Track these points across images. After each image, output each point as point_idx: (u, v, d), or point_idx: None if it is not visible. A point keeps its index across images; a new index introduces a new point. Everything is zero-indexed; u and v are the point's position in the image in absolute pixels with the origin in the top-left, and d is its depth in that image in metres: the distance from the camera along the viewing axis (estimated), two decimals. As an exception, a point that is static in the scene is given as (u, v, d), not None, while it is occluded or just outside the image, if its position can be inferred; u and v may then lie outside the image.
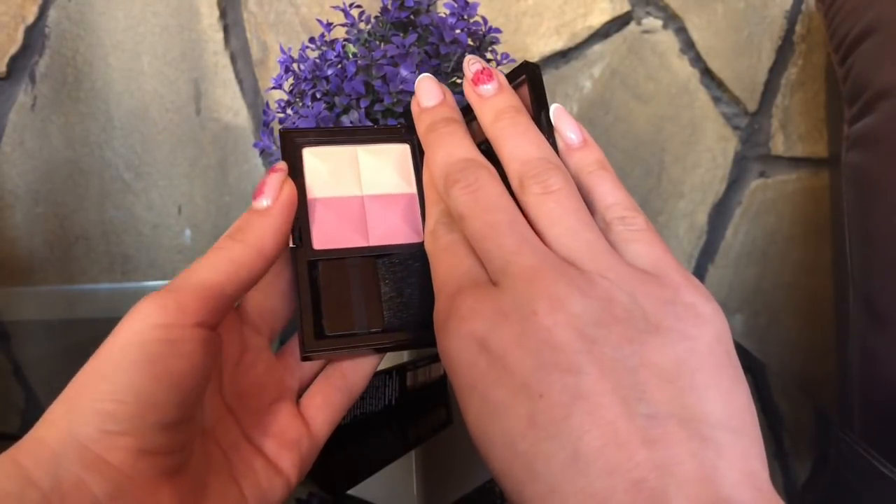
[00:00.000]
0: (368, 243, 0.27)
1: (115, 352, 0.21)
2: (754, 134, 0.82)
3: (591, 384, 0.19)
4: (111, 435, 0.20)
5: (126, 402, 0.20)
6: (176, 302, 0.22)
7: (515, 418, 0.19)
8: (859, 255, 0.62)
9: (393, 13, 0.48)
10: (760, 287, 0.86)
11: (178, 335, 0.22)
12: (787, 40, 0.80)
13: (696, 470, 0.18)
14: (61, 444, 0.20)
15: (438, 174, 0.26)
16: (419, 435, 0.30)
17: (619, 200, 0.25)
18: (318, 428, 0.26)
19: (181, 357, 0.22)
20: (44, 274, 0.85)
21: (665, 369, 0.19)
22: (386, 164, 0.29)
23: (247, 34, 0.82)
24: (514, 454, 0.19)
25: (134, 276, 0.86)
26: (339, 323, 0.25)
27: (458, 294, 0.22)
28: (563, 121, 0.27)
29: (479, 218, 0.23)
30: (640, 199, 0.84)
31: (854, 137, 0.62)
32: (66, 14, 0.80)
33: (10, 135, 0.83)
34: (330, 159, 0.28)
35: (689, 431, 0.18)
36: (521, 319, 0.20)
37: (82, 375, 0.22)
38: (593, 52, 0.81)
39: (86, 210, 0.84)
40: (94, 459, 0.20)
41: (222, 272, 0.23)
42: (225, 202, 0.84)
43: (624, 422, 0.18)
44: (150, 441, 0.21)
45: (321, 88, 0.46)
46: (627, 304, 0.21)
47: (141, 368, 0.21)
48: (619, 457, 0.18)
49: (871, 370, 0.60)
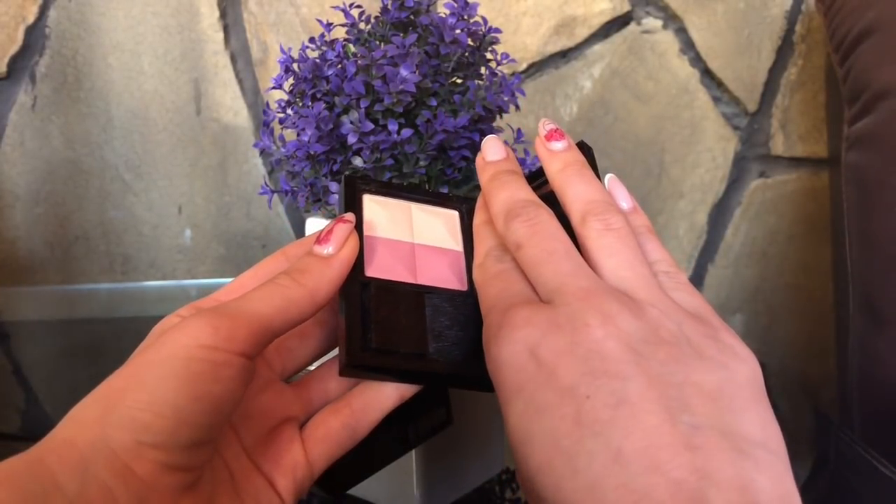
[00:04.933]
0: (416, 281, 0.28)
1: (158, 362, 0.21)
2: (754, 134, 0.82)
3: (638, 390, 0.20)
4: (143, 446, 0.20)
5: (164, 416, 0.21)
6: (228, 328, 0.22)
7: (560, 418, 0.20)
8: (859, 255, 0.62)
9: (393, 13, 0.48)
10: (760, 287, 0.86)
11: (222, 359, 0.22)
12: (786, 40, 0.80)
13: (735, 478, 0.19)
14: (92, 449, 0.20)
15: (499, 210, 0.27)
16: (419, 435, 0.30)
17: (665, 258, 0.27)
18: (315, 459, 0.26)
19: (221, 381, 0.22)
20: (44, 274, 0.85)
21: (707, 389, 0.21)
22: (437, 222, 0.31)
23: (247, 34, 0.82)
24: (557, 451, 0.20)
25: (134, 276, 0.86)
26: (386, 339, 0.25)
27: (510, 308, 0.23)
28: (617, 188, 0.30)
29: (536, 245, 0.25)
30: (640, 199, 0.84)
31: (854, 137, 0.62)
32: (66, 14, 0.80)
33: (11, 135, 0.83)
34: (387, 207, 0.30)
35: (730, 444, 0.19)
36: (572, 330, 0.21)
37: (120, 379, 0.21)
38: (593, 52, 0.81)
39: (86, 210, 0.84)
40: (123, 469, 0.20)
41: (275, 308, 0.24)
42: (225, 202, 0.84)
43: (668, 427, 0.19)
44: (177, 458, 0.21)
45: (321, 88, 0.46)
46: (674, 330, 0.22)
47: (182, 385, 0.21)
48: (662, 457, 0.19)
49: (871, 370, 0.60)
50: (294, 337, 0.28)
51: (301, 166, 0.48)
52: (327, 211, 0.53)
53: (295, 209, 0.84)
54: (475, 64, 0.50)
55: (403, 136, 0.45)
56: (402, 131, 0.45)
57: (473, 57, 0.50)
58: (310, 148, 0.45)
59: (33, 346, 0.72)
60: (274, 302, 0.24)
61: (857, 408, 0.62)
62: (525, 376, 0.21)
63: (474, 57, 0.50)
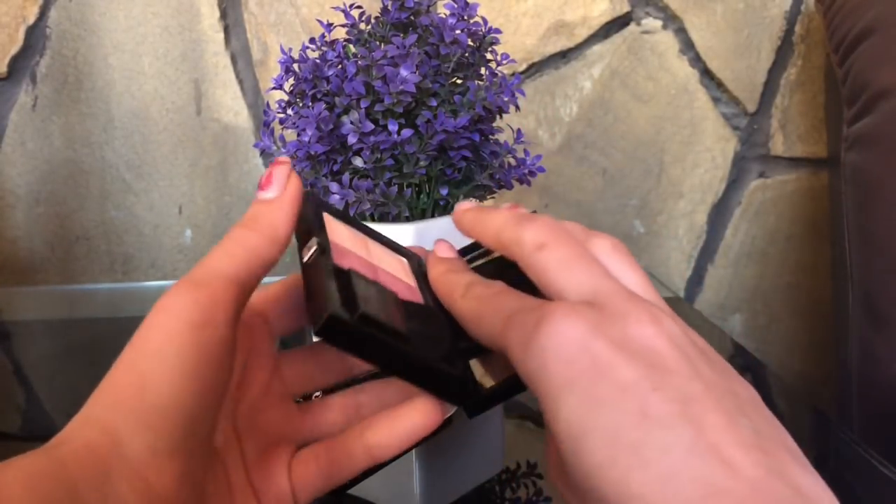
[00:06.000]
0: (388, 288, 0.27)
1: (154, 352, 0.21)
2: (754, 134, 0.82)
3: (700, 389, 0.20)
4: (159, 456, 0.20)
5: (171, 417, 0.21)
6: (209, 298, 0.22)
7: (624, 412, 0.20)
8: (859, 255, 0.62)
9: (393, 14, 0.48)
10: (760, 287, 0.86)
11: (209, 338, 0.22)
12: (786, 41, 0.80)
13: (811, 487, 0.19)
14: (110, 456, 0.20)
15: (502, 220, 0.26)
16: (419, 435, 0.30)
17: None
18: (298, 490, 0.26)
19: (212, 364, 0.22)
20: (44, 274, 0.85)
21: (746, 398, 0.21)
22: (391, 258, 0.31)
23: (247, 35, 0.82)
24: (622, 444, 0.19)
25: (134, 276, 0.86)
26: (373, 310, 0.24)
27: (543, 307, 0.22)
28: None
29: (565, 245, 0.24)
30: (640, 199, 0.84)
31: (853, 137, 0.63)
32: (66, 14, 0.80)
33: (11, 135, 0.83)
34: (346, 229, 0.30)
35: (791, 454, 0.20)
36: (624, 326, 0.21)
37: (123, 373, 0.21)
38: (593, 53, 0.81)
39: (86, 210, 0.84)
40: (142, 485, 0.20)
41: (240, 262, 0.23)
42: (225, 202, 0.85)
43: (732, 427, 0.19)
44: (190, 463, 0.21)
45: (321, 89, 0.46)
46: (703, 344, 0.23)
47: (181, 379, 0.21)
48: (735, 454, 0.19)
49: (871, 370, 0.60)
50: (315, 365, 0.28)
51: (301, 166, 0.48)
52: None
53: (295, 209, 0.84)
54: (475, 64, 0.50)
55: (403, 137, 0.45)
56: (402, 131, 0.45)
57: (473, 57, 0.50)
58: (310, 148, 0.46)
59: (33, 346, 0.72)
60: (238, 256, 0.23)
61: (857, 408, 0.62)
62: (578, 369, 0.21)
63: (474, 57, 0.50)
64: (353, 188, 0.46)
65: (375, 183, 0.46)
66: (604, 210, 0.84)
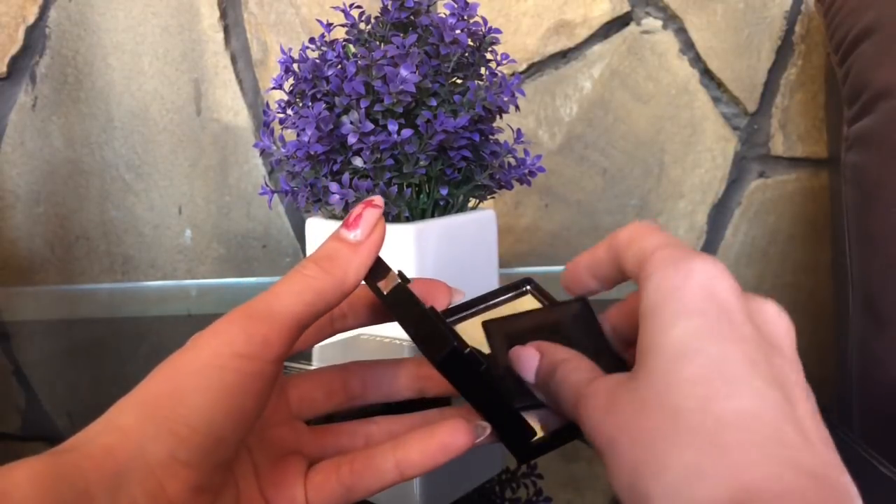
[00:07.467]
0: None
1: (195, 372, 0.21)
2: (754, 134, 0.82)
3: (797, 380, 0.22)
4: (178, 464, 0.20)
5: (199, 431, 0.20)
6: (262, 335, 0.22)
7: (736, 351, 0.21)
8: (859, 255, 0.62)
9: (393, 14, 0.48)
10: (760, 287, 0.86)
11: (254, 370, 0.21)
12: (786, 41, 0.80)
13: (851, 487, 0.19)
14: (129, 460, 0.20)
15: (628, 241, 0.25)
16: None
17: None
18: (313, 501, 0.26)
19: (251, 395, 0.21)
20: (44, 274, 0.85)
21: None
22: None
23: (247, 34, 0.82)
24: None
25: (134, 276, 0.86)
26: (471, 350, 0.25)
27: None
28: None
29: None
30: (640, 199, 0.84)
31: (853, 137, 0.63)
32: (66, 14, 0.80)
33: (11, 135, 0.83)
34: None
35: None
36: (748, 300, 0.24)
37: (158, 384, 0.21)
38: (593, 53, 0.81)
39: (86, 210, 0.84)
40: (155, 488, 0.20)
41: (305, 304, 0.23)
42: (225, 202, 0.85)
43: (787, 406, 0.20)
44: (208, 478, 0.21)
45: (321, 89, 0.46)
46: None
47: (217, 399, 0.21)
48: (821, 452, 0.19)
49: (871, 370, 0.60)
50: (320, 389, 0.28)
51: (301, 166, 0.48)
52: (327, 211, 0.53)
53: (295, 209, 0.84)
54: (475, 64, 0.50)
55: (403, 137, 0.45)
56: (402, 131, 0.45)
57: (473, 57, 0.50)
58: (310, 148, 0.45)
59: (33, 346, 0.72)
60: (304, 297, 0.23)
61: (857, 408, 0.62)
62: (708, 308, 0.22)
63: (474, 57, 0.50)
64: (353, 188, 0.46)
65: (375, 183, 0.46)
66: (604, 210, 0.84)
